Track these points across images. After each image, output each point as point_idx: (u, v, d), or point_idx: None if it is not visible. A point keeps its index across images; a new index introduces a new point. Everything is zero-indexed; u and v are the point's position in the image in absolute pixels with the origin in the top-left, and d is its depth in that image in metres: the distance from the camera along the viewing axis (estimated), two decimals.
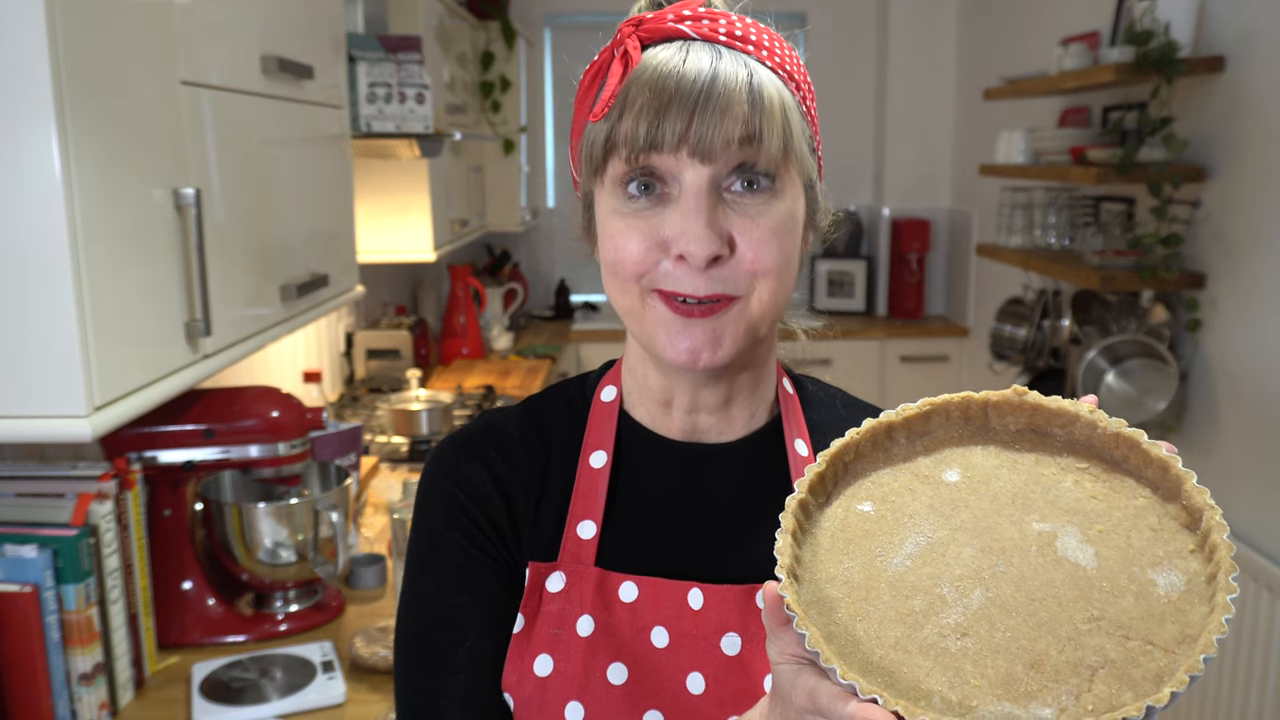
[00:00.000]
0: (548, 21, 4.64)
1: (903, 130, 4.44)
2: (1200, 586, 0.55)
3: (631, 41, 0.77)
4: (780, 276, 0.77)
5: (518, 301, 4.17)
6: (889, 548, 0.60)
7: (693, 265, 0.74)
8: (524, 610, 0.81)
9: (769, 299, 0.77)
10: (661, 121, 0.73)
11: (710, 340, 0.77)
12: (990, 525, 0.60)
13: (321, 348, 2.97)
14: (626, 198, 0.77)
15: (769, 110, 0.74)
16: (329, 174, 1.94)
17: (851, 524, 0.62)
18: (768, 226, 0.76)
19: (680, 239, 0.74)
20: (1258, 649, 2.22)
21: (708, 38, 0.77)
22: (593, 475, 0.85)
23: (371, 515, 2.19)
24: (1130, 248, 2.57)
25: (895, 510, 0.62)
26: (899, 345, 4.31)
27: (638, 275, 0.77)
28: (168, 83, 1.29)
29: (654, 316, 0.78)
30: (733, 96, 0.73)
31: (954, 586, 0.57)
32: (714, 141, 0.73)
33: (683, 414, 0.85)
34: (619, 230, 0.77)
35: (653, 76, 0.74)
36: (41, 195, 1.05)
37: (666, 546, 0.83)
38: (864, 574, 0.59)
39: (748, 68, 0.75)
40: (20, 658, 1.32)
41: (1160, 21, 2.43)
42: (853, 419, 0.91)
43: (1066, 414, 0.62)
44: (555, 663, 0.79)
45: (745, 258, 0.76)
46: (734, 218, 0.75)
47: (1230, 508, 2.40)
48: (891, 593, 0.58)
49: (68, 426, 1.09)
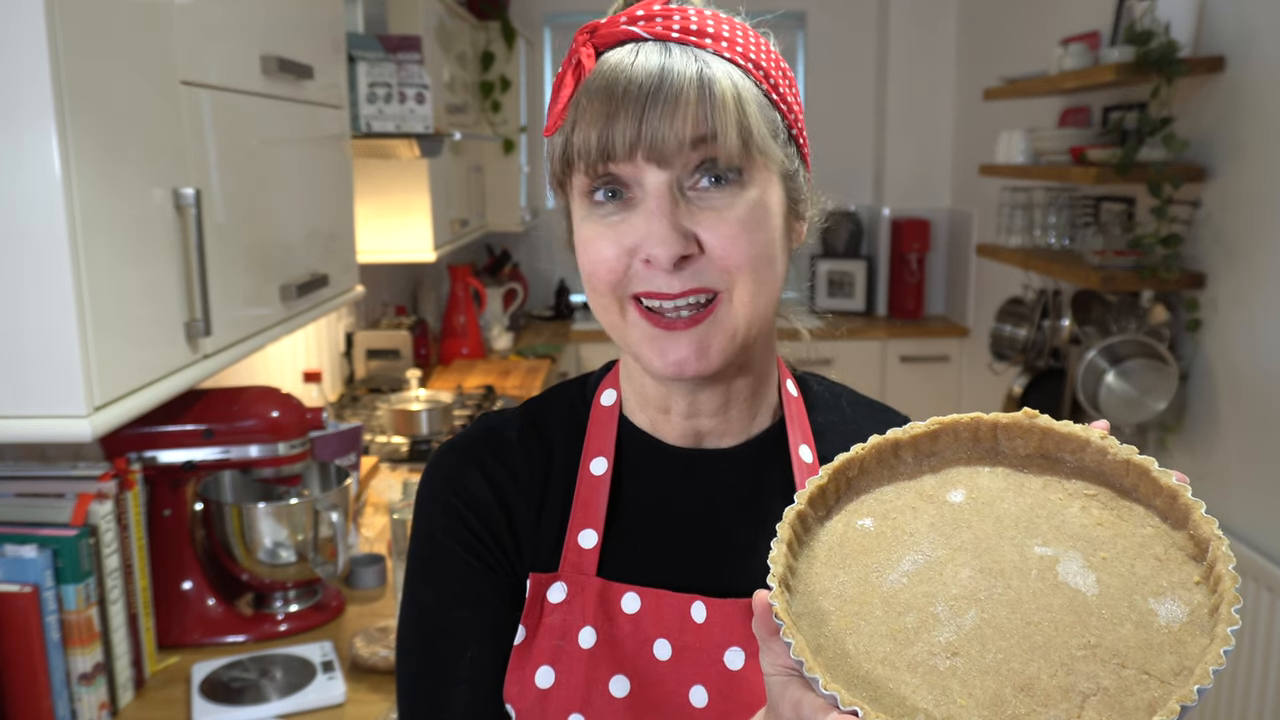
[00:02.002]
0: (548, 21, 4.65)
1: (903, 130, 4.44)
2: (1203, 618, 0.54)
3: (585, 50, 0.76)
4: (757, 270, 0.75)
5: (518, 301, 4.17)
6: (886, 564, 0.60)
7: (658, 267, 0.73)
8: (525, 622, 0.80)
9: (749, 297, 0.75)
10: (611, 129, 0.72)
11: (696, 350, 0.75)
12: (991, 547, 0.59)
13: (321, 348, 2.97)
14: (593, 205, 0.76)
15: (721, 104, 0.72)
16: (329, 174, 1.94)
17: (850, 539, 0.62)
18: (735, 220, 0.74)
19: (645, 242, 0.73)
20: (1258, 649, 2.22)
21: (660, 36, 0.75)
22: (593, 483, 0.83)
23: (371, 515, 2.19)
24: (1130, 248, 2.57)
25: (895, 527, 0.62)
26: (899, 345, 4.31)
27: (612, 284, 0.76)
28: (168, 83, 1.29)
29: (637, 333, 0.77)
30: (681, 94, 0.71)
31: (948, 605, 0.56)
32: (667, 143, 0.71)
33: (681, 419, 0.84)
34: (590, 239, 0.76)
35: (600, 83, 0.73)
36: (41, 195, 1.05)
37: (669, 556, 0.82)
38: (858, 588, 0.59)
39: (698, 61, 0.73)
40: (20, 658, 1.32)
41: (1160, 21, 2.43)
42: (859, 419, 0.90)
43: (1077, 439, 0.62)
44: (557, 674, 0.78)
45: (715, 254, 0.74)
46: (699, 214, 0.74)
47: (1230, 508, 2.40)
48: (885, 608, 0.57)
49: (68, 426, 1.09)
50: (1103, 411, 2.57)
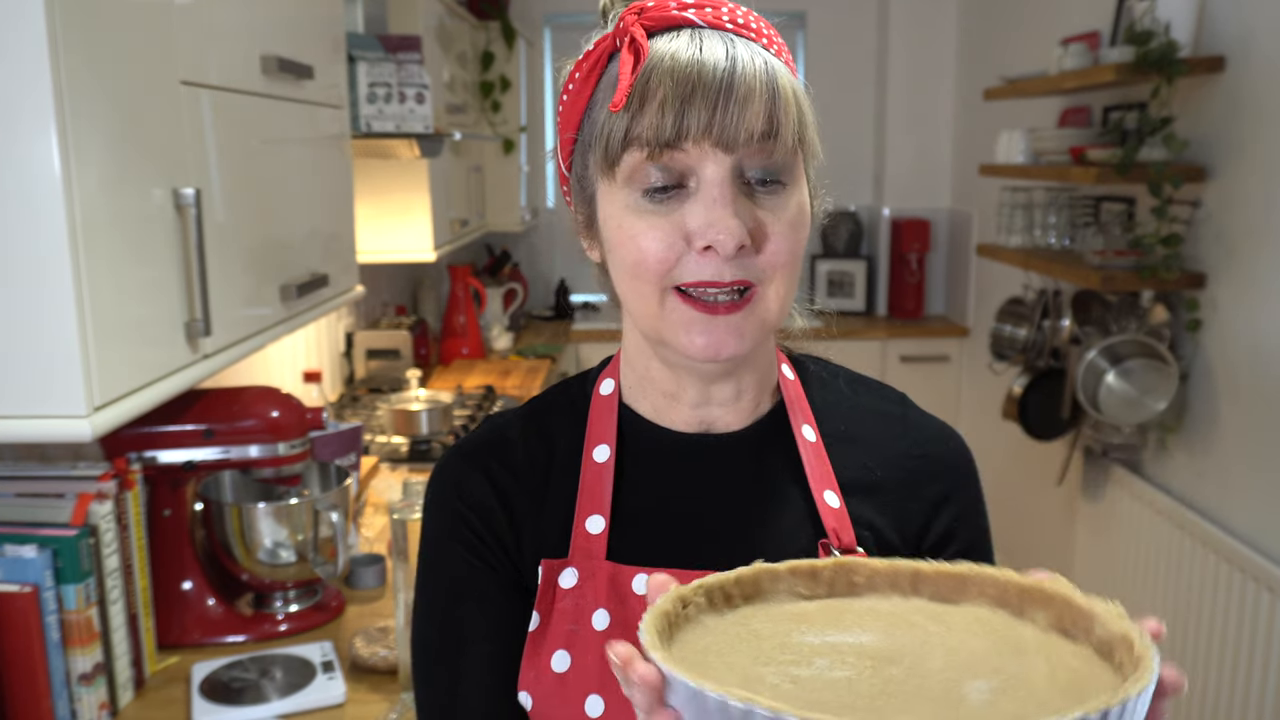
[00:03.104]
0: (548, 21, 4.65)
1: (903, 130, 4.44)
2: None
3: (637, 30, 0.76)
4: (793, 269, 0.78)
5: (518, 301, 4.17)
6: (814, 629, 0.58)
7: (721, 254, 0.74)
8: (538, 608, 0.81)
9: (784, 291, 0.78)
10: (686, 113, 0.72)
11: (735, 335, 0.76)
12: (921, 654, 0.57)
13: (321, 348, 2.97)
14: (646, 193, 0.75)
15: (785, 100, 0.74)
16: (329, 174, 1.94)
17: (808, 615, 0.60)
18: (787, 220, 0.76)
19: (707, 230, 0.73)
20: (1258, 649, 2.22)
21: (715, 25, 0.76)
22: (597, 470, 0.84)
23: (371, 515, 2.19)
24: (1130, 248, 2.57)
25: (856, 622, 0.60)
26: (899, 345, 4.31)
27: (661, 274, 0.76)
28: (168, 83, 1.29)
29: (675, 318, 0.77)
30: (753, 86, 0.73)
31: (828, 660, 0.55)
32: (737, 132, 0.72)
33: (690, 408, 0.85)
34: (639, 230, 0.76)
35: (672, 66, 0.73)
36: (41, 195, 1.04)
37: (676, 538, 0.83)
38: (771, 631, 0.57)
39: (762, 56, 0.75)
40: (20, 658, 1.32)
41: (1160, 21, 2.43)
42: (859, 398, 0.91)
43: (1093, 616, 0.57)
44: (573, 658, 0.79)
45: (766, 250, 0.75)
46: (755, 210, 0.75)
47: (1230, 508, 2.40)
48: (776, 647, 0.56)
49: (68, 426, 1.09)
50: (1103, 411, 2.57)
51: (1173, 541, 2.57)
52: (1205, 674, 2.43)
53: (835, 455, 0.86)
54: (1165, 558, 2.60)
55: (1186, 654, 2.50)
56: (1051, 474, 3.27)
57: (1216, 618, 2.38)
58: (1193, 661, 2.47)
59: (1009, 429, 3.24)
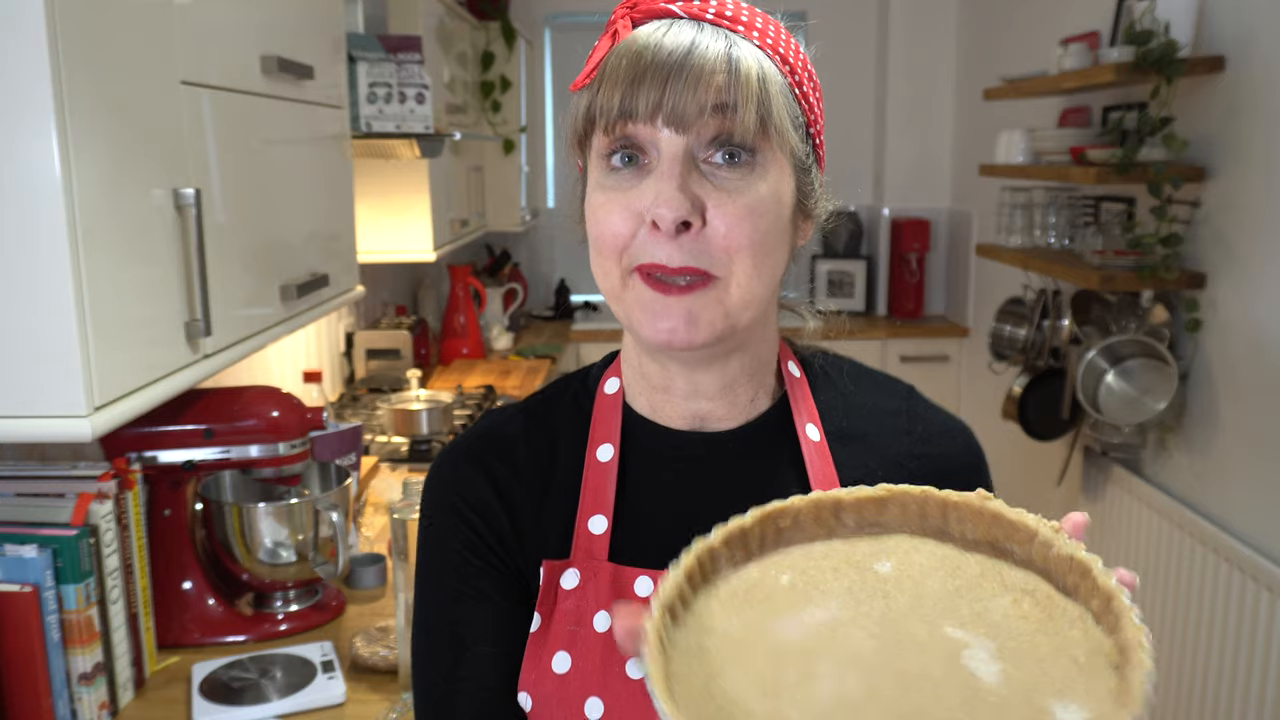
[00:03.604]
0: (548, 21, 4.64)
1: (903, 130, 4.44)
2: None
3: (623, 21, 0.79)
4: (757, 257, 0.76)
5: (518, 301, 4.17)
6: (785, 616, 0.57)
7: (663, 229, 0.74)
8: (540, 609, 0.81)
9: (746, 280, 0.76)
10: (637, 90, 0.74)
11: (686, 320, 0.75)
12: (899, 619, 0.57)
13: (321, 348, 2.97)
14: (609, 170, 0.77)
15: (744, 79, 0.74)
16: (329, 174, 1.94)
17: (760, 587, 0.59)
18: (744, 203, 0.75)
19: (652, 204, 0.74)
20: (1258, 649, 2.22)
21: (695, 16, 0.78)
22: (600, 470, 0.84)
23: (371, 515, 2.19)
24: (1130, 248, 2.57)
25: (810, 583, 0.59)
26: (899, 345, 4.31)
27: (618, 250, 0.76)
28: (168, 83, 1.29)
29: (633, 297, 0.77)
30: (707, 66, 0.74)
31: (834, 666, 0.54)
32: (687, 109, 0.73)
33: (682, 400, 0.85)
34: (601, 204, 0.77)
35: (631, 49, 0.76)
36: (41, 195, 1.05)
37: (678, 539, 0.82)
38: (746, 633, 0.56)
39: (728, 40, 0.76)
40: (20, 658, 1.32)
41: (1160, 21, 2.43)
42: (863, 394, 0.90)
43: (1025, 529, 0.59)
44: (574, 659, 0.79)
45: (718, 231, 0.75)
46: (710, 189, 0.75)
47: (1230, 507, 2.40)
48: (767, 657, 0.55)
49: (68, 426, 1.09)
50: (1102, 411, 2.57)
51: (1172, 541, 2.57)
52: (1205, 674, 2.43)
53: (838, 455, 0.85)
54: (1165, 557, 2.60)
55: (1186, 653, 2.50)
56: (1051, 474, 3.27)
57: (1216, 618, 2.38)
58: (1193, 661, 2.48)
59: (1009, 429, 3.24)
